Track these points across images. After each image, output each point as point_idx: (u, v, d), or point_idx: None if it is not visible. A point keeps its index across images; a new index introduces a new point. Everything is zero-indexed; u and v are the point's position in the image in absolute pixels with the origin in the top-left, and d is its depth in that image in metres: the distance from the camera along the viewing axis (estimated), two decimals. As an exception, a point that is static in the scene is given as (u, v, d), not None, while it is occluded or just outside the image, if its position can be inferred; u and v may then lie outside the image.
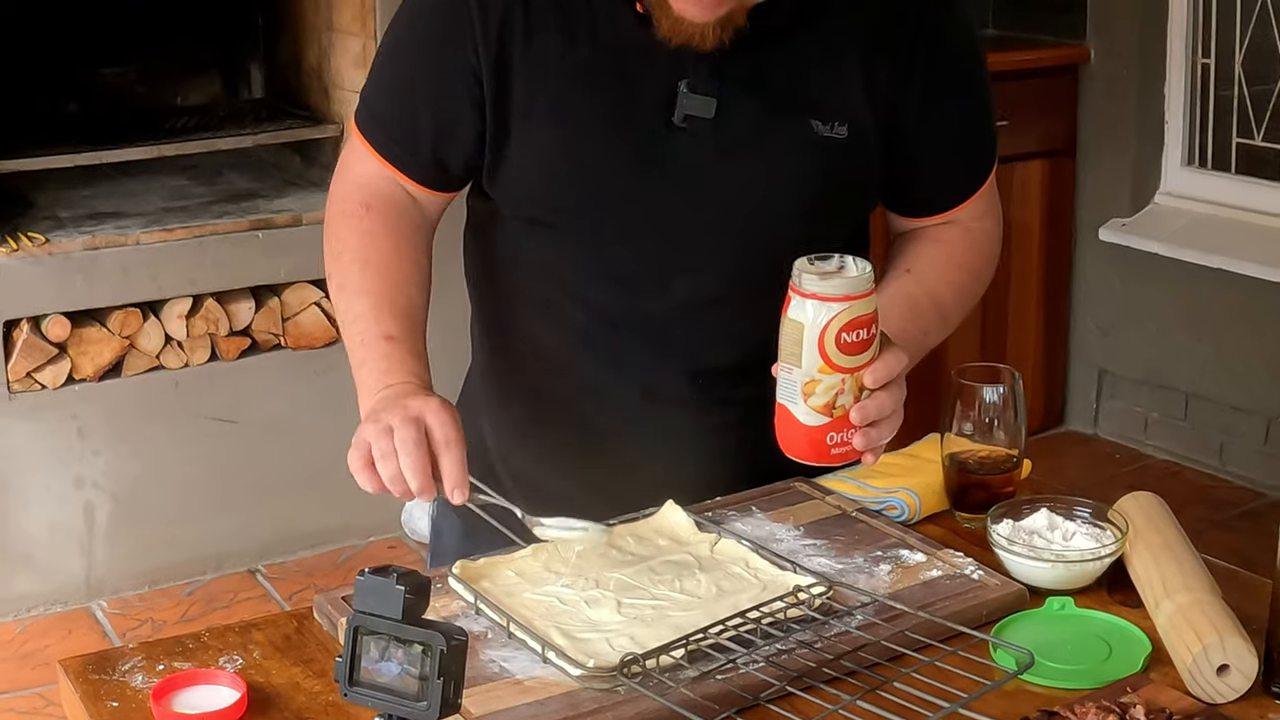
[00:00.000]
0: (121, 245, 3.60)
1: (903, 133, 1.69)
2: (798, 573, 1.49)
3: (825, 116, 1.65)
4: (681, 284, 1.68)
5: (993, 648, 1.39)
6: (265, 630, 1.48)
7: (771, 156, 1.65)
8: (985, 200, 1.81)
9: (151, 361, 3.67)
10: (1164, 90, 4.31)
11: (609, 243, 1.68)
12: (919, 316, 1.70)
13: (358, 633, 1.21)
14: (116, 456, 3.65)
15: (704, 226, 1.66)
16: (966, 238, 1.79)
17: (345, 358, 1.68)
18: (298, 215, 3.79)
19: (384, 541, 3.92)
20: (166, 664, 1.41)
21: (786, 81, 1.64)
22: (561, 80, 1.63)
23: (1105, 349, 4.60)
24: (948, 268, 1.77)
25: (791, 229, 1.64)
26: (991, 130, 1.80)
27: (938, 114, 1.70)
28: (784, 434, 1.49)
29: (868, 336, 1.45)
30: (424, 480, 1.46)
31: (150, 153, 3.79)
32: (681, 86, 1.62)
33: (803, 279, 1.45)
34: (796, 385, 1.46)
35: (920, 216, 1.79)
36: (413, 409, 1.50)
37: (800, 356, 1.45)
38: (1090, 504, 1.58)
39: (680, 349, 1.72)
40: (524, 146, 1.66)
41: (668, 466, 1.74)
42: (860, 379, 1.46)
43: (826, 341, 1.44)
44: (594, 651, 1.36)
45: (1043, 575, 1.51)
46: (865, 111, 1.66)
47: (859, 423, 1.47)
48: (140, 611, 3.65)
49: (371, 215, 1.71)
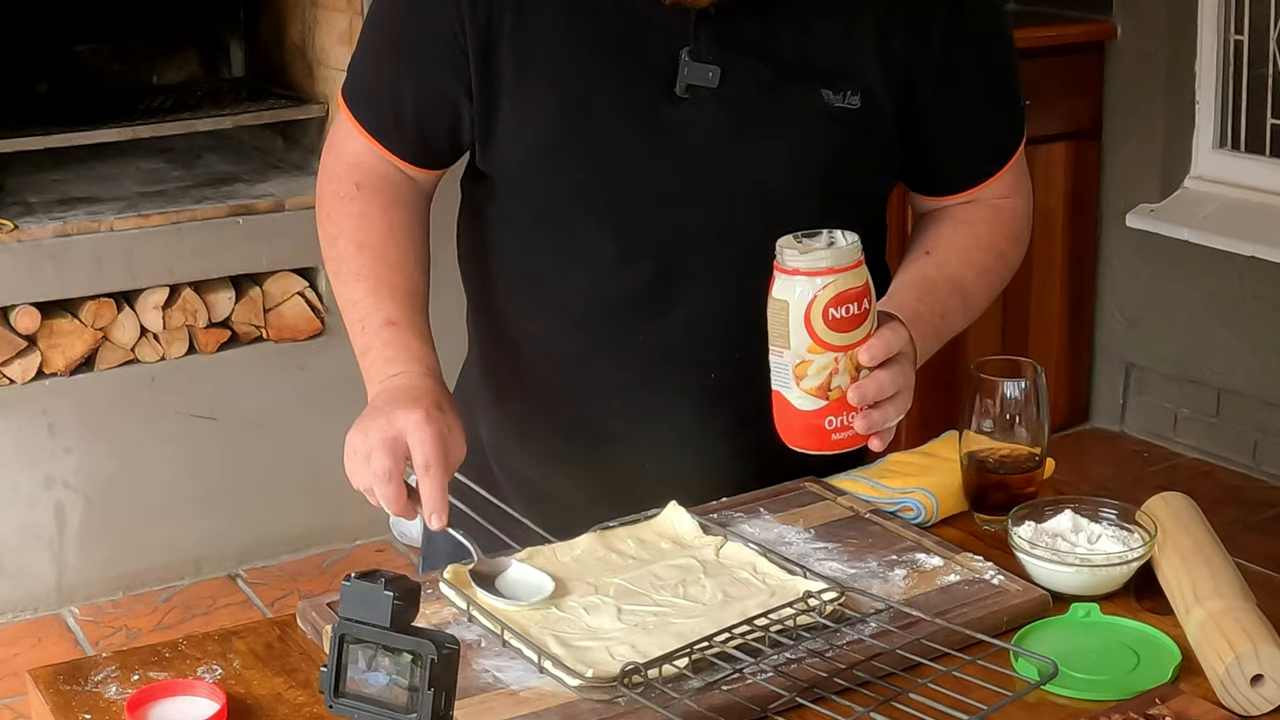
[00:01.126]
0: (94, 232, 3.61)
1: (921, 103, 1.68)
2: (808, 577, 1.49)
3: (836, 85, 1.64)
4: (687, 268, 1.68)
5: (1014, 657, 1.39)
6: (246, 638, 1.47)
7: (779, 128, 1.64)
8: (1012, 177, 1.79)
9: (126, 355, 3.67)
10: (1194, 68, 4.31)
11: (607, 221, 1.67)
12: (936, 298, 1.69)
13: (344, 641, 1.21)
14: (89, 455, 3.66)
15: (710, 204, 1.65)
16: (993, 218, 1.78)
17: (330, 351, 1.69)
18: (280, 200, 3.79)
19: (371, 545, 3.93)
20: (142, 674, 1.41)
21: (795, 48, 1.63)
22: (556, 48, 1.63)
23: (1132, 341, 4.60)
24: (970, 249, 1.75)
25: (802, 209, 1.64)
26: (1018, 100, 1.77)
27: (959, 82, 1.69)
28: (782, 422, 1.49)
29: (859, 311, 1.44)
30: (400, 509, 1.53)
31: (125, 134, 3.79)
32: (683, 54, 1.61)
33: (784, 254, 1.44)
34: (788, 368, 1.46)
35: (941, 195, 1.78)
36: (395, 423, 1.53)
37: (788, 337, 1.44)
38: (1117, 505, 1.58)
39: (688, 339, 1.71)
40: (517, 118, 1.65)
41: (674, 466, 1.73)
42: (855, 357, 1.45)
43: (814, 318, 1.43)
44: (593, 661, 1.36)
45: (1067, 580, 1.51)
46: (880, 80, 1.65)
47: (858, 404, 1.46)
48: (114, 618, 3.65)
49: (364, 195, 1.72)
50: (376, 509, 1.56)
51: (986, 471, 1.65)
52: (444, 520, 1.51)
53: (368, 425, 1.54)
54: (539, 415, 1.79)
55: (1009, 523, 1.56)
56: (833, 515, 1.66)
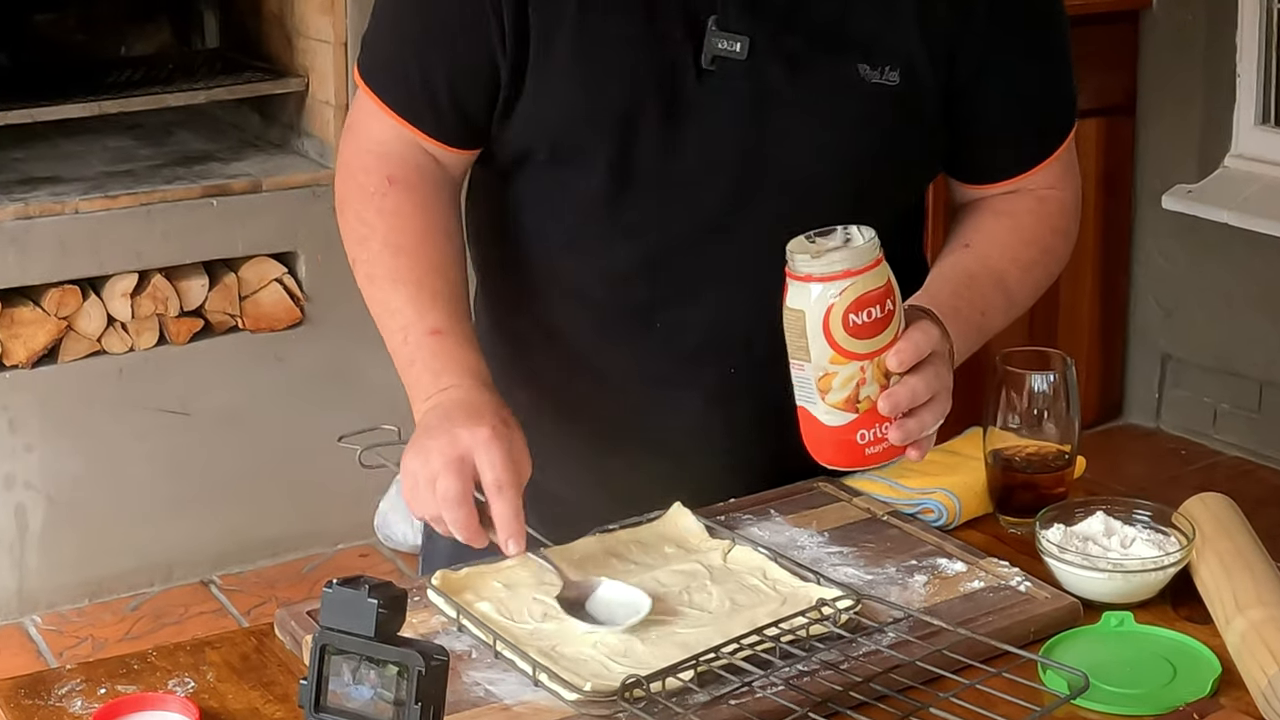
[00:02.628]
0: (58, 215, 3.60)
1: (963, 81, 1.67)
2: (821, 584, 1.50)
3: (874, 60, 1.63)
4: (710, 254, 1.67)
5: (1042, 669, 1.39)
6: (220, 649, 1.48)
7: (812, 105, 1.63)
8: (1061, 166, 1.77)
9: (92, 345, 3.68)
10: (1235, 40, 4.31)
11: (625, 201, 1.66)
12: (976, 293, 1.68)
13: (325, 652, 1.22)
14: (53, 453, 3.66)
15: (736, 186, 1.65)
16: (1039, 209, 1.76)
17: (310, 341, 1.69)
18: (257, 180, 3.79)
19: (355, 549, 3.92)
20: (109, 687, 1.41)
21: (830, 18, 1.63)
22: (581, 14, 1.62)
23: (1169, 331, 4.60)
24: (1013, 243, 1.74)
25: (835, 194, 1.63)
26: (1069, 83, 1.76)
27: (1006, 60, 1.68)
28: (810, 440, 1.48)
29: (883, 314, 1.43)
30: (471, 536, 1.51)
31: (90, 110, 3.79)
32: (710, 23, 1.61)
33: (795, 259, 1.42)
34: (811, 382, 1.44)
35: (984, 183, 1.77)
36: (460, 443, 1.51)
37: (808, 349, 1.43)
38: (1152, 506, 1.58)
39: (709, 329, 1.71)
40: (540, 85, 1.64)
41: (686, 464, 1.73)
42: (883, 364, 1.44)
43: (833, 326, 1.42)
44: (592, 673, 1.36)
45: (1098, 587, 1.51)
46: (921, 55, 1.64)
47: (889, 414, 1.45)
48: (79, 628, 3.65)
49: (396, 190, 1.70)
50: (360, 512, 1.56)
51: (1013, 471, 1.66)
52: (522, 545, 1.50)
53: (428, 446, 1.52)
54: (543, 403, 1.78)
55: (1037, 525, 1.56)
56: (848, 517, 1.66)
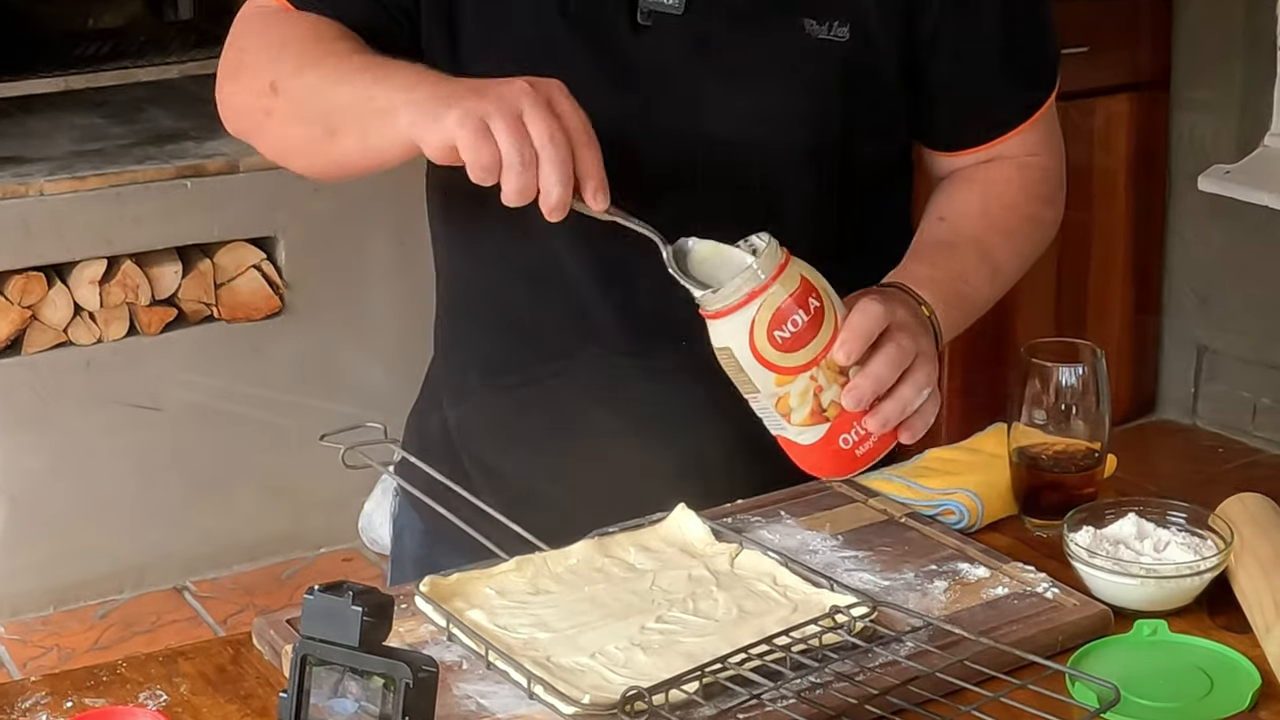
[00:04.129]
0: (22, 197, 3.61)
1: (923, 39, 1.66)
2: (835, 590, 1.50)
3: (821, 15, 1.62)
4: (648, 219, 1.64)
5: (1070, 681, 1.40)
6: (195, 659, 1.48)
7: (755, 63, 1.62)
8: (1041, 131, 1.77)
9: (58, 336, 3.68)
10: (1276, 10, 4.31)
11: None
12: (956, 261, 1.67)
13: (306, 663, 1.22)
14: (16, 450, 3.66)
15: (680, 152, 1.63)
16: (1018, 176, 1.76)
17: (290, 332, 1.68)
18: (233, 160, 3.79)
19: (338, 553, 3.93)
20: (76, 700, 1.41)
21: None
22: None
23: (1205, 321, 4.60)
24: (992, 209, 1.73)
25: (788, 163, 1.61)
26: (1049, 40, 1.75)
27: (970, 14, 1.67)
28: (802, 462, 1.52)
29: (810, 315, 1.43)
30: (568, 189, 1.42)
31: (56, 85, 3.80)
32: None
33: (700, 299, 1.43)
34: (771, 410, 1.47)
35: (956, 149, 1.77)
36: (540, 86, 1.42)
37: (751, 381, 1.45)
38: (1187, 508, 1.58)
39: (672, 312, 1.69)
40: (469, 49, 1.64)
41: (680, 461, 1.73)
42: (833, 363, 1.45)
43: (762, 350, 1.42)
44: (590, 684, 1.36)
45: (1130, 594, 1.51)
46: (872, 9, 1.63)
47: (857, 409, 1.45)
48: (44, 637, 3.66)
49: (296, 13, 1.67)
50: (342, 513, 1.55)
51: (1039, 470, 1.66)
52: (607, 198, 1.44)
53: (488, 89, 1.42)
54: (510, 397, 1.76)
55: (1064, 528, 1.56)
56: (863, 519, 1.66)
